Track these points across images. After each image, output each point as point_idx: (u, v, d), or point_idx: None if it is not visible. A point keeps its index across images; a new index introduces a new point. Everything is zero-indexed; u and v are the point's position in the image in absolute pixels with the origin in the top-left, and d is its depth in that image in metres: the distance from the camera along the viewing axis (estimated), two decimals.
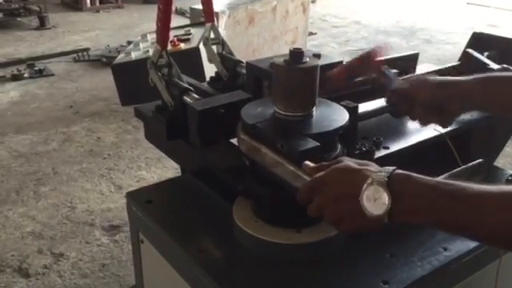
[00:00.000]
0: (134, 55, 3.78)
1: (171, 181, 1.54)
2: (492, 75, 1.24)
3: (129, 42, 5.54)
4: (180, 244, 1.16)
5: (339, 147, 1.09)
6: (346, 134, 1.09)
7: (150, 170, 3.55)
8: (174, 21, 1.89)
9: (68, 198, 3.20)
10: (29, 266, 2.58)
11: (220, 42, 1.58)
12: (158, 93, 1.35)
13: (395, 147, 1.24)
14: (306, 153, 0.95)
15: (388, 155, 1.21)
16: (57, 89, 5.12)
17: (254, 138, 1.04)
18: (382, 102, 1.28)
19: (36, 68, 5.54)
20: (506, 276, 1.22)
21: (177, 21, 5.58)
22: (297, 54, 1.04)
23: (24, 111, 4.58)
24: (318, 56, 1.25)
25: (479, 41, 1.66)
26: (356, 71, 1.23)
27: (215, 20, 1.57)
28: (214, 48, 1.58)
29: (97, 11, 8.77)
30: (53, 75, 5.47)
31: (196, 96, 1.29)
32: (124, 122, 4.26)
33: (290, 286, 1.05)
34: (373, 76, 1.27)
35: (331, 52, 6.42)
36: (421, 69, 1.61)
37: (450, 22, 8.01)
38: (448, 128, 1.30)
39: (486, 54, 1.59)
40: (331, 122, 1.06)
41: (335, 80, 1.17)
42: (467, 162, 1.02)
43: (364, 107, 1.24)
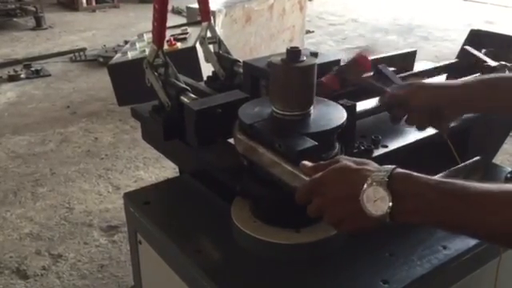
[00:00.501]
0: (130, 55, 3.76)
1: (169, 181, 1.53)
2: (495, 76, 1.22)
3: (125, 42, 5.52)
4: (178, 245, 1.16)
5: (337, 146, 1.09)
6: (344, 132, 1.08)
7: (147, 169, 3.54)
8: (171, 20, 1.88)
9: (66, 198, 3.19)
10: (27, 267, 2.57)
11: (217, 41, 1.58)
12: (155, 93, 1.34)
13: (394, 145, 1.24)
14: (304, 152, 0.94)
15: (386, 153, 1.21)
16: (54, 89, 5.10)
17: (251, 137, 1.03)
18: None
19: (33, 68, 5.52)
20: (506, 274, 1.22)
21: (173, 20, 5.58)
22: (294, 53, 1.03)
23: (21, 112, 4.56)
24: (315, 55, 1.24)
25: (477, 38, 1.66)
26: (347, 77, 1.23)
27: (212, 19, 1.56)
28: (211, 47, 1.58)
29: (93, 11, 8.76)
30: (49, 75, 5.45)
31: (193, 96, 1.28)
32: (121, 122, 4.25)
33: (289, 286, 1.05)
34: (368, 79, 1.26)
35: (328, 50, 6.42)
36: (418, 66, 1.61)
37: (446, 19, 8.02)
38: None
39: (483, 51, 1.59)
40: (329, 121, 1.06)
41: (325, 87, 1.16)
42: (465, 160, 1.02)
43: (362, 105, 1.24)
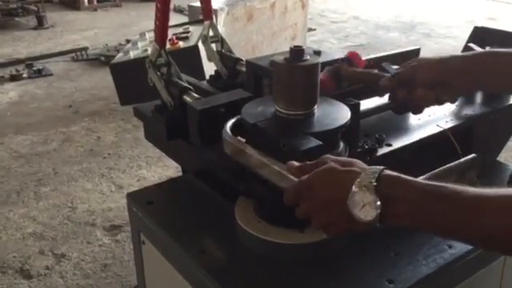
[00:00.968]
0: (132, 54, 3.75)
1: (172, 181, 1.53)
2: (496, 50, 1.20)
3: (127, 41, 5.52)
4: (181, 245, 1.15)
5: (341, 145, 1.08)
6: (348, 131, 1.08)
7: (150, 169, 3.54)
8: (173, 19, 1.87)
9: (69, 198, 3.19)
10: (30, 267, 2.58)
11: (219, 39, 1.57)
12: (157, 92, 1.33)
13: (398, 144, 1.23)
14: (309, 152, 0.94)
15: (391, 152, 1.20)
16: (56, 88, 5.11)
17: (237, 140, 1.03)
18: (383, 99, 1.26)
19: (35, 68, 5.52)
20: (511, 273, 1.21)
21: (175, 19, 5.56)
22: (297, 52, 1.02)
23: (23, 111, 4.56)
24: (318, 53, 1.23)
25: (480, 35, 1.65)
26: (341, 73, 1.23)
27: (214, 17, 1.56)
28: (213, 46, 1.57)
29: (94, 10, 8.75)
30: (51, 75, 5.45)
31: (196, 95, 1.28)
32: (124, 121, 4.25)
33: (294, 286, 1.04)
34: (363, 70, 1.25)
35: (331, 48, 6.40)
36: None
37: (449, 16, 7.99)
38: (450, 123, 1.30)
39: (487, 48, 1.58)
40: (333, 120, 1.05)
41: (321, 86, 1.15)
42: None
43: (366, 104, 1.23)
